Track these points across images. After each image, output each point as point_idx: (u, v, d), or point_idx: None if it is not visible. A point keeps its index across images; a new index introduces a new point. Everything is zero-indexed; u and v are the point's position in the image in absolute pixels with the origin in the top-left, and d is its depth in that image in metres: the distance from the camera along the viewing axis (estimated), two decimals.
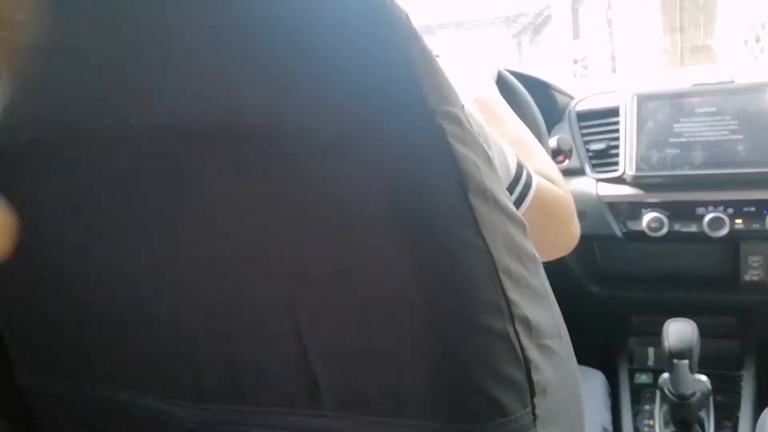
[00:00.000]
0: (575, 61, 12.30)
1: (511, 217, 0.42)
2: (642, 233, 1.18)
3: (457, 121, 0.37)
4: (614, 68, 10.42)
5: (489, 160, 0.40)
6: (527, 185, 0.64)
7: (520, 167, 0.63)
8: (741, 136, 1.13)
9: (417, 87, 0.36)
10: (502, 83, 1.04)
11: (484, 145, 0.40)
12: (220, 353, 0.47)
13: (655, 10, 9.18)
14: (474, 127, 0.39)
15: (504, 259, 0.40)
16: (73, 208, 0.46)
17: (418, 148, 0.36)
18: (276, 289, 0.42)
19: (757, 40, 6.89)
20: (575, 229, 0.78)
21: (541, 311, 0.44)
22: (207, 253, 0.43)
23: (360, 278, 0.40)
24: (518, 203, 0.62)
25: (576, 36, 12.37)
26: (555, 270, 0.84)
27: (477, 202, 0.38)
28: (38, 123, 0.42)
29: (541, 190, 0.67)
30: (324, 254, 0.40)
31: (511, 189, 0.61)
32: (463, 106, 0.39)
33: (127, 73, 0.38)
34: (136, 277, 0.47)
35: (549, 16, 13.27)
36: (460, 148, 0.37)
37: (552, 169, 0.78)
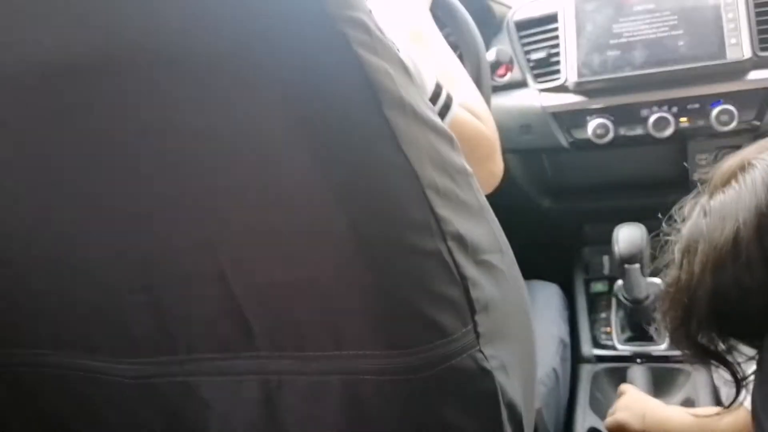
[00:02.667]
0: None
1: (435, 129, 0.40)
2: (588, 141, 1.17)
3: (363, 27, 0.35)
4: None
5: (405, 70, 0.38)
6: (446, 106, 0.62)
7: (438, 87, 0.61)
8: (681, 32, 1.11)
9: None
10: (439, 3, 1.01)
11: (399, 54, 0.37)
12: (145, 303, 0.45)
13: None
14: (385, 35, 0.37)
15: (429, 174, 0.38)
16: None
17: (321, 59, 0.34)
18: (193, 230, 0.41)
19: None
20: (497, 169, 0.76)
21: (477, 226, 0.42)
22: (119, 198, 0.41)
23: (277, 207, 0.38)
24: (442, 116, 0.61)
25: None
26: (504, 186, 0.83)
27: (393, 115, 0.35)
28: None
29: (461, 120, 0.66)
30: (237, 185, 0.38)
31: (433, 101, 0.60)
32: (370, 11, 0.36)
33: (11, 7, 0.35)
34: (52, 232, 0.45)
35: None
36: (369, 57, 0.34)
37: (478, 103, 0.76)
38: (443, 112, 0.63)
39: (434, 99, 0.62)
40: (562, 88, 1.19)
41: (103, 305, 0.47)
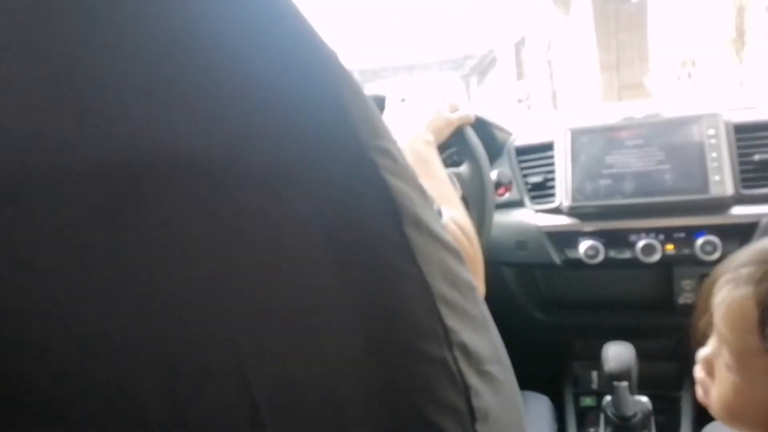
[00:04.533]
0: (519, 101, 12.59)
1: (446, 246, 0.43)
2: (579, 261, 1.23)
3: (389, 154, 0.39)
4: (555, 105, 10.72)
5: (422, 193, 0.41)
6: (437, 214, 0.65)
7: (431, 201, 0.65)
8: (668, 166, 1.19)
9: (348, 123, 0.37)
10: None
11: (417, 178, 0.41)
12: (164, 390, 0.46)
13: (591, 50, 9.55)
14: (406, 161, 0.41)
15: (440, 287, 0.40)
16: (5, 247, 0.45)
17: (352, 182, 0.37)
18: (218, 323, 0.42)
19: (689, 76, 7.20)
20: (479, 286, 0.78)
21: (480, 337, 0.44)
22: (146, 290, 0.43)
23: (299, 309, 0.40)
24: None
25: (519, 77, 12.69)
26: (500, 297, 0.87)
27: (411, 232, 0.39)
28: None
29: (448, 231, 0.68)
30: (263, 286, 0.40)
31: None
32: (395, 140, 0.40)
33: (52, 107, 0.38)
34: (76, 315, 0.46)
35: (494, 59, 13.60)
36: (394, 181, 0.38)
37: (466, 224, 0.80)
38: None
39: None
40: (556, 210, 1.26)
41: (123, 386, 0.47)
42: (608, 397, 1.15)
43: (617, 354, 1.13)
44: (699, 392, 0.73)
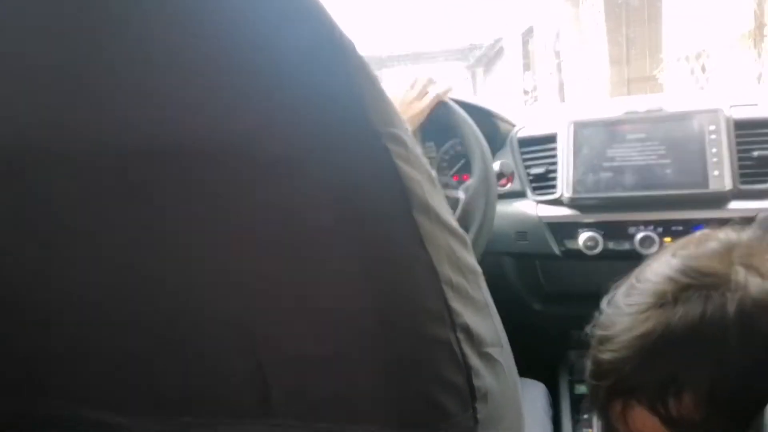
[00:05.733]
0: (526, 92, 12.50)
1: (453, 232, 0.44)
2: (579, 251, 1.25)
3: (401, 142, 0.39)
4: (563, 98, 10.61)
5: (431, 179, 0.42)
6: None
7: None
8: (669, 160, 1.21)
9: (363, 111, 0.38)
10: (451, 117, 1.12)
11: (427, 165, 0.42)
12: (174, 367, 0.47)
13: (601, 42, 9.33)
14: (417, 148, 0.41)
15: (446, 271, 0.41)
16: (23, 224, 0.47)
17: (365, 167, 0.38)
18: (232, 305, 0.43)
19: (703, 70, 6.94)
20: None
21: (482, 321, 0.45)
22: (161, 271, 0.44)
23: (313, 292, 0.41)
24: None
25: (526, 68, 12.60)
26: (500, 288, 0.88)
27: (421, 218, 0.40)
28: None
29: None
30: (278, 271, 0.41)
31: None
32: (407, 128, 0.41)
33: (76, 92, 0.39)
34: (91, 292, 0.48)
35: (501, 49, 13.50)
36: (405, 167, 0.39)
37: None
38: None
39: None
40: (557, 202, 1.28)
41: (136, 365, 0.49)
42: None
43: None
44: None
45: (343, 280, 0.40)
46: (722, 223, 1.16)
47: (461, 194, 1.20)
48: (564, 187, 1.26)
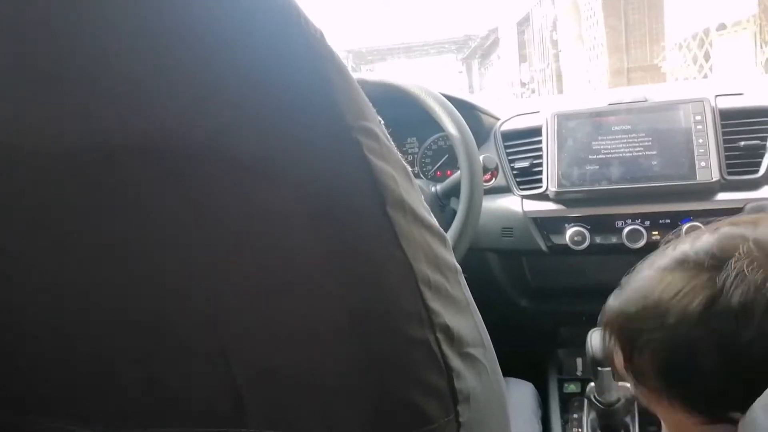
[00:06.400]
0: (523, 84, 12.49)
1: (430, 229, 0.43)
2: (566, 247, 1.23)
3: (372, 135, 0.38)
4: (560, 90, 10.55)
5: (407, 174, 0.41)
6: None
7: None
8: (654, 152, 1.19)
9: (333, 104, 0.37)
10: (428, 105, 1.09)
11: (401, 160, 0.41)
12: (143, 374, 0.46)
13: (598, 29, 9.21)
14: (390, 142, 0.40)
15: (423, 269, 0.40)
16: None
17: (336, 162, 0.37)
18: (200, 308, 0.42)
19: (707, 57, 6.81)
20: None
21: (463, 320, 0.44)
22: (128, 271, 0.43)
23: (285, 295, 0.40)
24: None
25: (523, 59, 12.57)
26: (485, 284, 0.87)
27: (395, 214, 0.39)
28: None
29: None
30: (248, 272, 0.40)
31: None
32: (380, 121, 0.40)
33: (38, 89, 0.38)
34: (54, 296, 0.47)
35: (497, 40, 13.48)
36: (377, 162, 0.38)
37: None
38: None
39: None
40: (542, 196, 1.26)
41: (102, 373, 0.48)
42: (592, 383, 1.15)
43: (601, 340, 1.13)
44: None
45: (313, 280, 0.39)
46: (710, 214, 1.16)
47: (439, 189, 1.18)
48: (549, 180, 1.24)
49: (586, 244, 1.21)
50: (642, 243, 1.18)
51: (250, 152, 0.37)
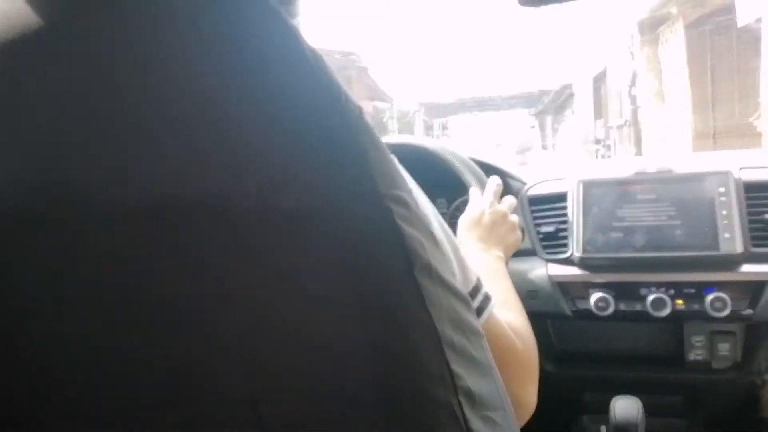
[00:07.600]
0: (598, 141, 12.28)
1: (455, 293, 0.44)
2: (590, 312, 1.23)
3: (403, 203, 0.41)
4: (639, 151, 10.15)
5: (434, 240, 0.43)
6: (486, 299, 0.64)
7: (479, 281, 0.64)
8: (679, 222, 1.19)
9: (368, 174, 0.40)
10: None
11: (430, 227, 0.43)
12: (176, 419, 0.47)
13: (683, 85, 8.69)
14: (420, 210, 0.43)
15: (448, 332, 0.42)
16: (38, 276, 0.47)
17: (368, 227, 0.40)
18: (238, 356, 0.43)
19: None
20: (526, 399, 0.73)
21: (485, 383, 0.45)
22: (173, 317, 0.44)
23: (315, 349, 0.41)
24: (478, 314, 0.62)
25: (598, 115, 12.38)
26: None
27: (422, 279, 0.40)
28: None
29: (495, 324, 0.67)
30: (286, 323, 0.41)
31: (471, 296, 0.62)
32: (410, 190, 0.43)
33: (91, 150, 0.41)
34: (97, 344, 0.48)
35: (571, 95, 13.36)
36: (407, 228, 0.40)
37: (522, 324, 0.79)
38: (483, 305, 0.63)
39: (477, 288, 0.63)
40: (567, 261, 1.27)
41: (139, 418, 0.48)
42: None
43: (624, 408, 1.13)
44: None
45: (344, 339, 0.41)
46: (734, 285, 1.15)
47: None
48: (574, 246, 1.25)
49: (611, 310, 1.21)
50: (666, 312, 1.17)
51: (288, 214, 0.40)
